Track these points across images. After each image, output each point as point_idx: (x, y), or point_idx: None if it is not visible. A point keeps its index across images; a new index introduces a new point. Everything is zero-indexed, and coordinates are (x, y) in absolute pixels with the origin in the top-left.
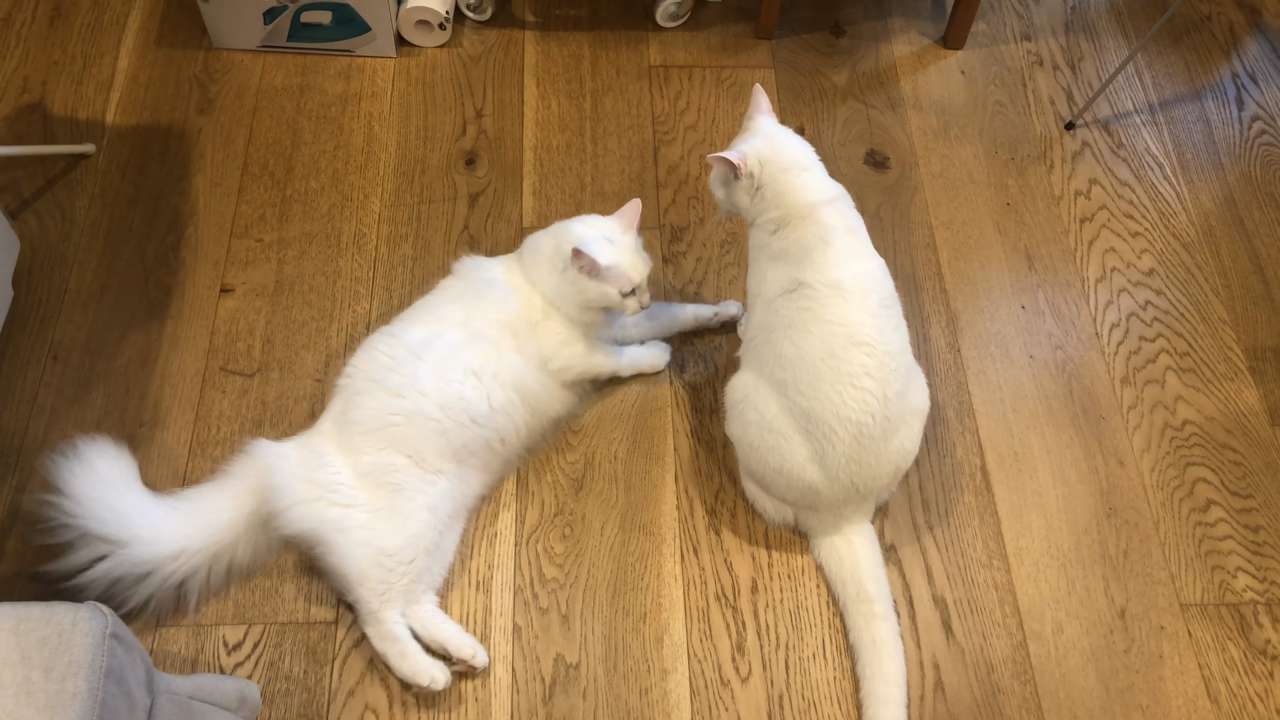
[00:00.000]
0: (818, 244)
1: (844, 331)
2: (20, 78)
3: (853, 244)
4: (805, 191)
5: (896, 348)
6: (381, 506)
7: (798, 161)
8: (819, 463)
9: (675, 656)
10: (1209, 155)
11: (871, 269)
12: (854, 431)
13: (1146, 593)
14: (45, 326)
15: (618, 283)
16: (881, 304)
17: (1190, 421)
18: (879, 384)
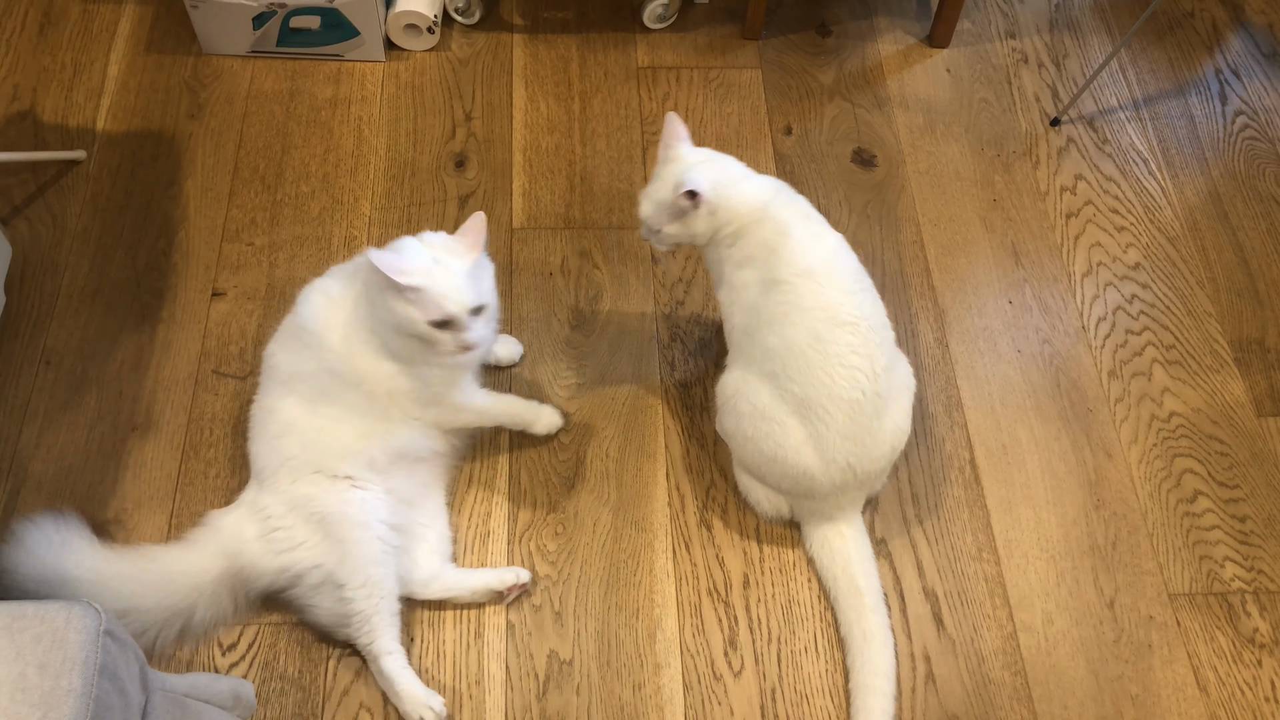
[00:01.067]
0: (779, 239)
1: (826, 315)
2: (10, 85)
3: (810, 228)
4: (752, 196)
5: (878, 322)
6: (319, 540)
7: (737, 172)
8: (814, 445)
9: (668, 651)
10: (1193, 150)
11: (834, 245)
12: (848, 410)
13: (1135, 583)
14: (38, 332)
15: (425, 310)
16: (855, 279)
17: (1177, 413)
18: (867, 360)
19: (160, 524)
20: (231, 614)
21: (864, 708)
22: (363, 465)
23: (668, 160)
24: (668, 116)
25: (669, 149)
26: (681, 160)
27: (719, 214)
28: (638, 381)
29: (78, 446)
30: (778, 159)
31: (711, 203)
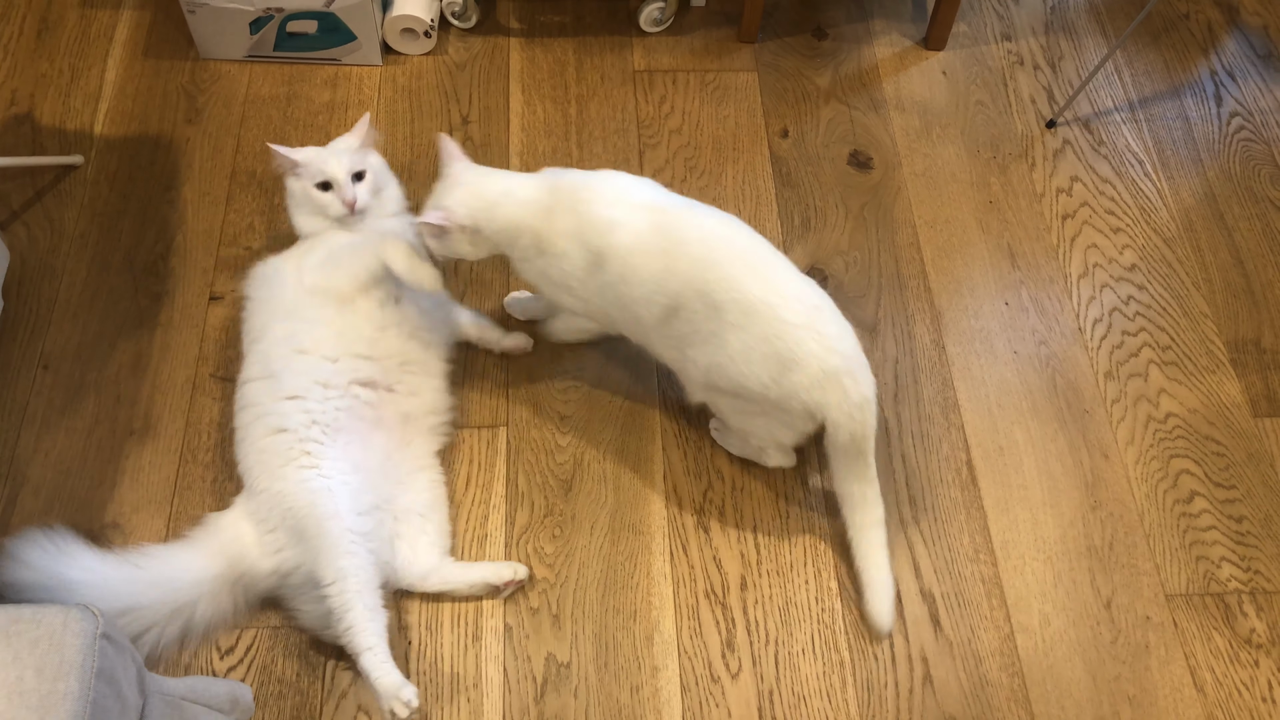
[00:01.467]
0: (599, 228)
1: (761, 326)
2: (8, 90)
3: (614, 211)
4: (519, 203)
5: (802, 289)
6: (296, 541)
7: (501, 187)
8: (809, 414)
9: (666, 654)
10: (1189, 151)
11: (712, 223)
12: (830, 379)
13: (1132, 584)
14: (35, 336)
15: (310, 175)
16: (754, 252)
17: (1173, 414)
18: (819, 336)
19: (159, 528)
20: (232, 614)
21: (871, 542)
22: (319, 439)
23: (443, 179)
24: (440, 138)
25: (446, 168)
26: (450, 180)
27: (485, 234)
28: (634, 385)
29: (76, 450)
30: (774, 161)
31: (470, 225)
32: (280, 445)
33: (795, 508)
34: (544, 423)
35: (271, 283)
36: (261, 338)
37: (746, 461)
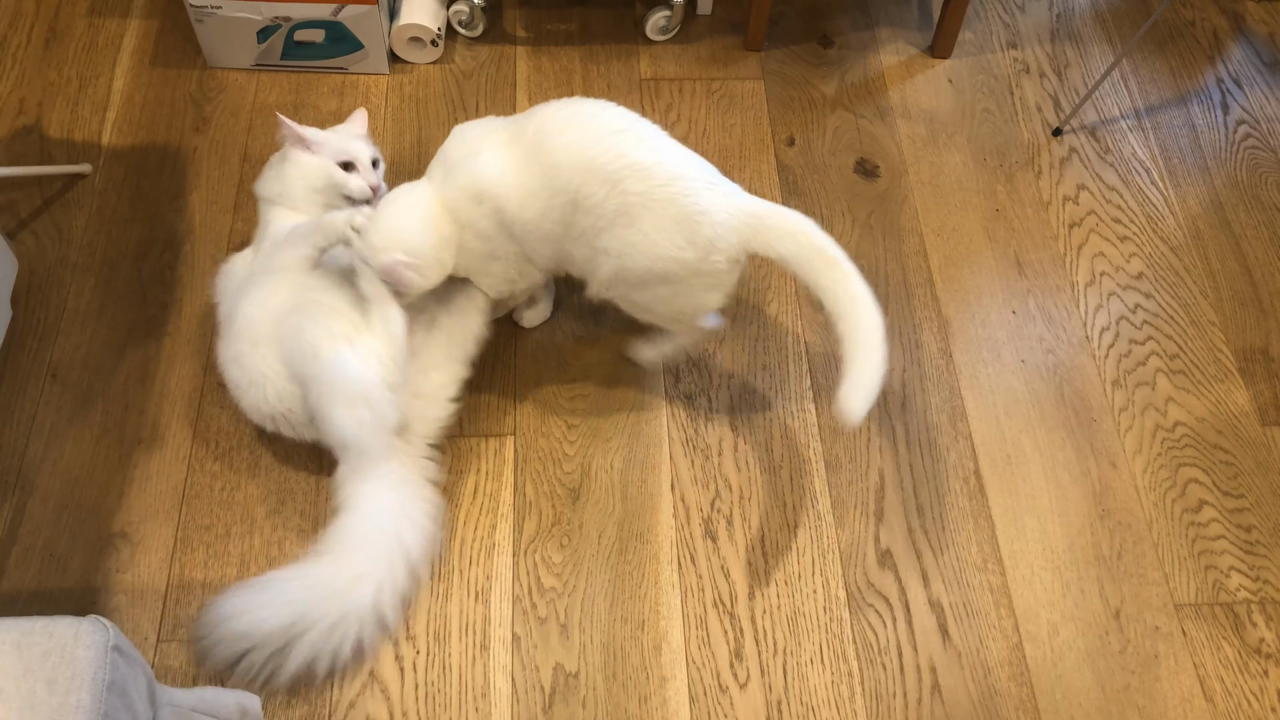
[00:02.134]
0: (470, 174)
1: (662, 189)
2: (16, 99)
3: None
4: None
5: (676, 147)
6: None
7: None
8: (733, 262)
9: (674, 664)
10: (1195, 159)
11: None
12: (739, 218)
13: (1141, 593)
14: (44, 345)
15: (332, 154)
16: (620, 121)
17: (1181, 423)
18: (713, 184)
19: (167, 537)
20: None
21: (865, 349)
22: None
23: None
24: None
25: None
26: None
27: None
28: (642, 393)
29: (84, 459)
30: (780, 170)
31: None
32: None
33: (803, 517)
34: (551, 431)
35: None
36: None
37: (754, 471)
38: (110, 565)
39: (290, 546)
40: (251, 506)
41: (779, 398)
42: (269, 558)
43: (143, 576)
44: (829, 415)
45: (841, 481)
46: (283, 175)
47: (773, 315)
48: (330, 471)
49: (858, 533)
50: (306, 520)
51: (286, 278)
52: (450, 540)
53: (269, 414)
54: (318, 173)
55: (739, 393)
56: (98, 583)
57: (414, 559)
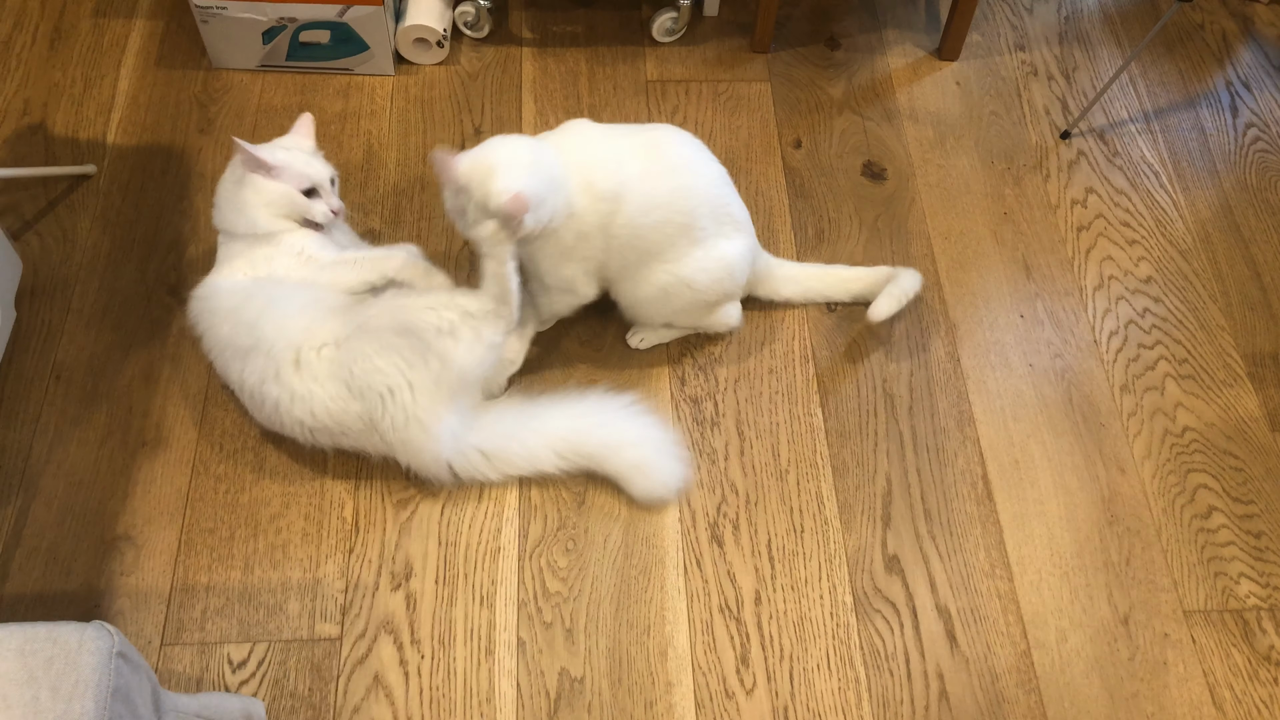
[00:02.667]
0: (609, 171)
1: (717, 211)
2: (21, 100)
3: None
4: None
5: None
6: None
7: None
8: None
9: (680, 669)
10: (1204, 163)
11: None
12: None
13: (1150, 600)
14: (48, 347)
15: (294, 180)
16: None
17: (1190, 428)
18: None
19: (171, 540)
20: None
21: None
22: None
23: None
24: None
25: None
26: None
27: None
28: (647, 397)
29: (88, 462)
30: (787, 172)
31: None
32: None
33: (810, 521)
34: None
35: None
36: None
37: (761, 475)
38: (114, 568)
39: (294, 549)
40: (256, 509)
41: (785, 402)
42: (273, 560)
43: (146, 580)
44: (836, 420)
45: (848, 486)
46: (241, 203)
47: (779, 319)
48: (335, 474)
49: (865, 538)
50: (311, 523)
51: (326, 297)
52: (455, 544)
53: (311, 426)
54: (281, 199)
55: (745, 397)
56: (101, 586)
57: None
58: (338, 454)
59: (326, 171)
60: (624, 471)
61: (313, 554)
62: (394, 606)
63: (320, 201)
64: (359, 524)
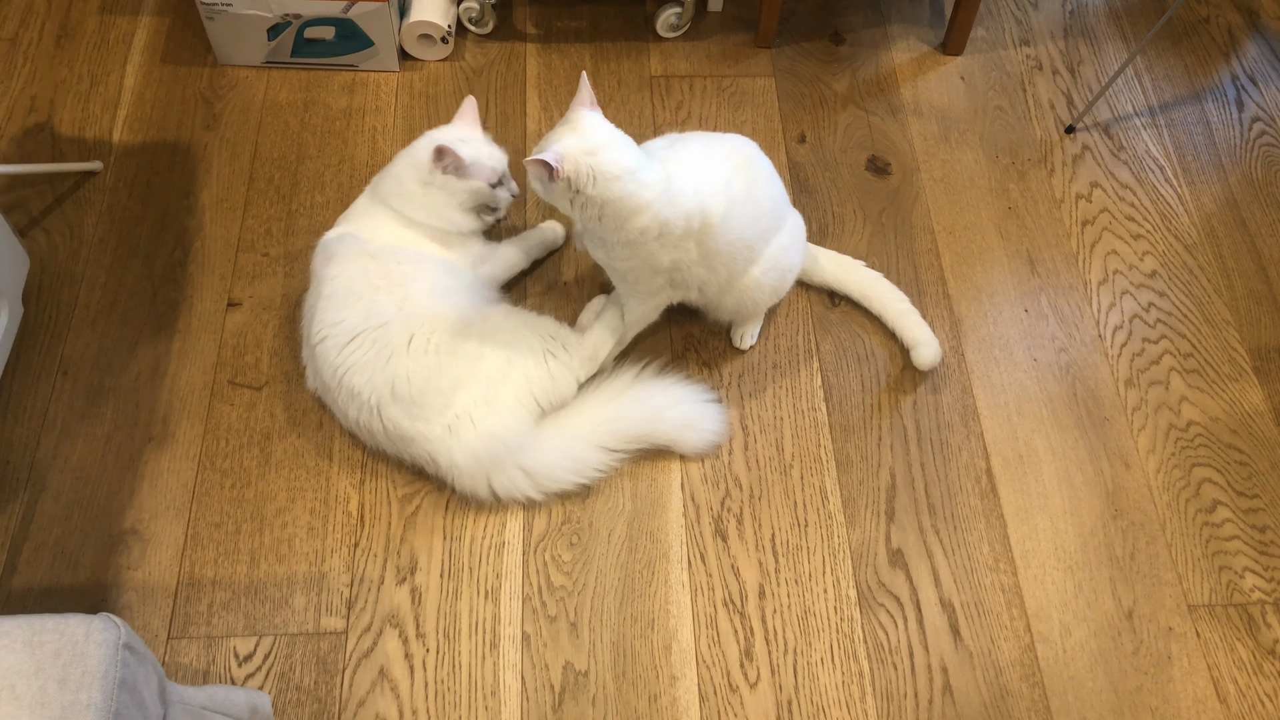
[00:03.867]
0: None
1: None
2: (28, 97)
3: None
4: (642, 185)
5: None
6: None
7: (627, 163)
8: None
9: (684, 663)
10: (1210, 157)
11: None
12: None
13: (1154, 594)
14: (55, 342)
15: (484, 175)
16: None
17: (1195, 422)
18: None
19: (178, 535)
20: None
21: (908, 321)
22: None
23: (564, 121)
24: (582, 76)
25: (572, 110)
26: (572, 125)
27: (590, 200)
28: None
29: (95, 457)
30: (791, 167)
31: (571, 183)
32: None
33: (813, 515)
34: None
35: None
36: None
37: (765, 469)
38: (121, 562)
39: (300, 543)
40: (262, 504)
41: (790, 396)
42: (279, 554)
43: (153, 574)
44: (840, 414)
45: (852, 480)
46: (433, 204)
47: (783, 313)
48: (340, 468)
49: (869, 532)
50: (316, 518)
51: (456, 285)
52: (460, 538)
53: (377, 400)
54: (474, 196)
55: (749, 391)
56: (109, 580)
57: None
58: (343, 448)
59: (505, 158)
60: (672, 435)
61: (318, 548)
62: (399, 600)
63: (503, 189)
64: (364, 518)
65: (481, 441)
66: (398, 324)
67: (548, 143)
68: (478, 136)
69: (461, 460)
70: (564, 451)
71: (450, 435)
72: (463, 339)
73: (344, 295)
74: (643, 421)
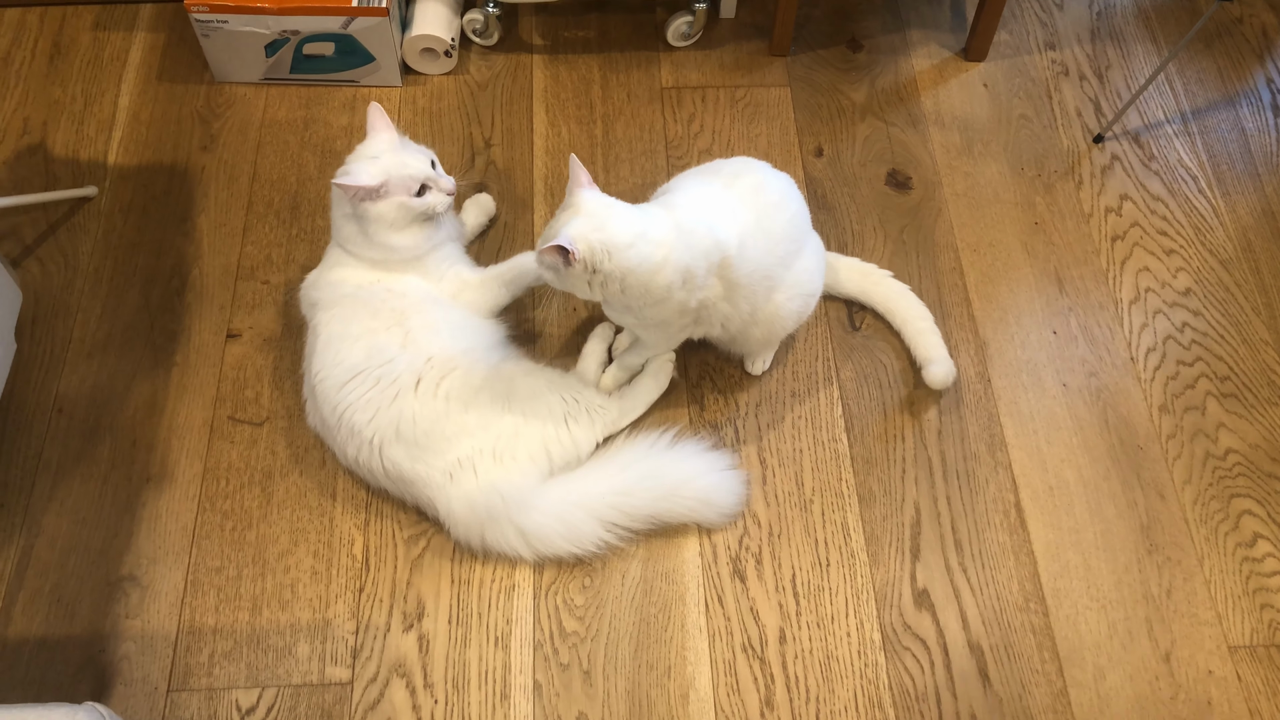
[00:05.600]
0: (719, 246)
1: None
2: (20, 118)
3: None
4: (656, 243)
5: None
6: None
7: (636, 228)
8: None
9: (702, 713)
10: (1245, 166)
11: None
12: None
13: (1192, 634)
14: (49, 378)
15: (402, 188)
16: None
17: (1233, 450)
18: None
19: (177, 581)
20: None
21: (924, 341)
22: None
23: (563, 207)
24: (570, 159)
25: (570, 194)
26: (575, 208)
27: (607, 275)
28: (665, 422)
29: (91, 499)
30: (808, 182)
31: (590, 264)
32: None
33: (835, 554)
34: None
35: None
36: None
37: (784, 505)
38: (119, 611)
39: (303, 589)
40: (264, 547)
41: (809, 427)
42: (281, 601)
43: (152, 622)
44: (862, 445)
45: (875, 516)
46: (368, 236)
47: (801, 338)
48: (344, 508)
49: (893, 571)
50: (320, 561)
51: (456, 321)
52: (468, 581)
53: (382, 441)
54: (401, 213)
55: (767, 422)
56: (106, 629)
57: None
58: (346, 487)
59: (425, 158)
60: (686, 513)
61: (322, 593)
62: (406, 648)
63: (432, 192)
64: (369, 561)
65: (481, 493)
66: (404, 363)
67: (552, 232)
68: (390, 146)
69: (458, 509)
70: (561, 518)
71: (450, 482)
72: (476, 392)
73: (340, 338)
74: (655, 500)
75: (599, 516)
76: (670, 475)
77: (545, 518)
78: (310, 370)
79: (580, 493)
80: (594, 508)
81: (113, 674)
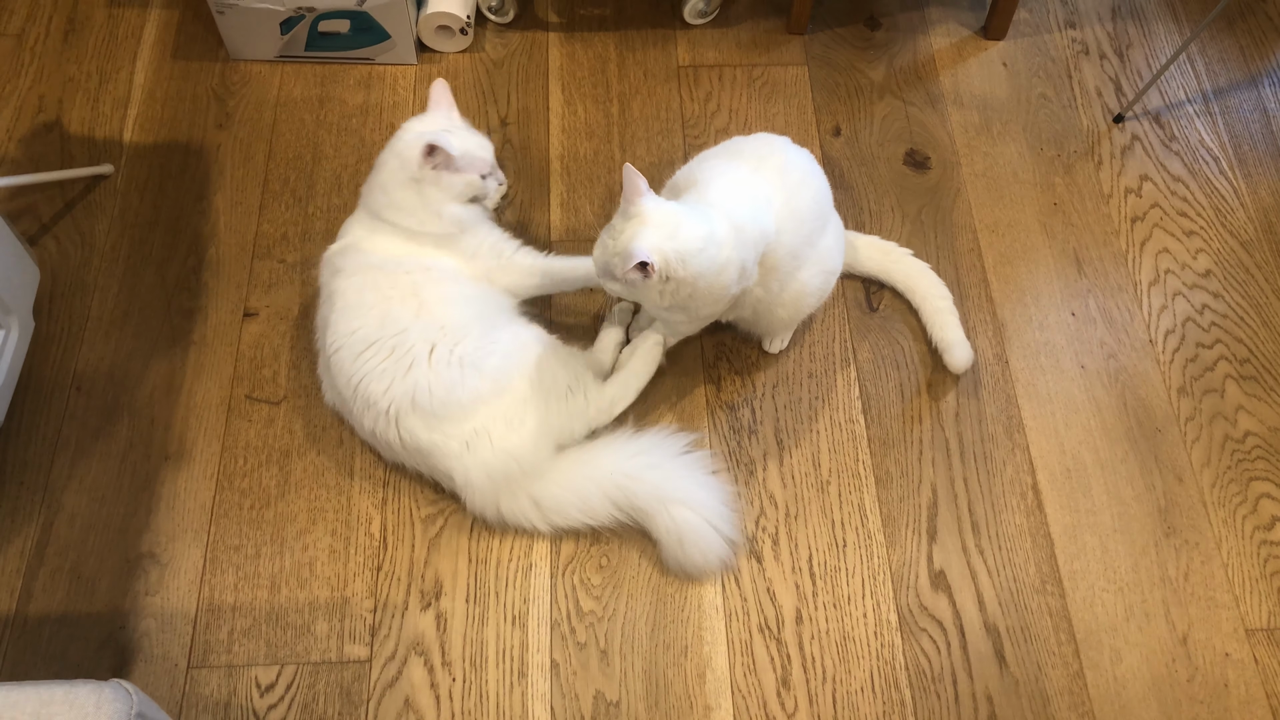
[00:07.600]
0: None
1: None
2: (36, 96)
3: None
4: (720, 244)
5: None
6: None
7: (703, 231)
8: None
9: (718, 692)
10: (1268, 146)
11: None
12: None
13: (1209, 617)
14: (68, 356)
15: (476, 167)
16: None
17: (1252, 433)
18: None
19: (196, 559)
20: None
21: (941, 321)
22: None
23: (628, 215)
24: (625, 169)
25: (629, 203)
26: (640, 218)
27: (680, 282)
28: (682, 404)
29: (110, 477)
30: (826, 162)
31: (665, 274)
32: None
33: (852, 535)
34: None
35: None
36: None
37: (801, 487)
38: (139, 588)
39: (322, 567)
40: (282, 525)
41: (826, 408)
42: (300, 579)
43: (172, 600)
44: (879, 426)
45: (892, 497)
46: (428, 202)
47: (818, 318)
48: (361, 487)
49: (910, 552)
50: (338, 539)
51: (475, 296)
52: (486, 560)
53: (397, 410)
54: (466, 190)
55: (784, 403)
56: (126, 606)
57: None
58: (364, 465)
59: (491, 146)
60: (664, 532)
61: (340, 571)
62: (424, 626)
63: (492, 179)
64: (387, 540)
65: (498, 459)
66: (417, 332)
67: (619, 245)
68: (459, 125)
69: (476, 477)
70: (575, 489)
71: (467, 451)
72: (487, 354)
73: (356, 307)
74: (648, 498)
75: (607, 493)
76: (672, 485)
77: (559, 488)
78: (325, 342)
79: (593, 465)
80: (604, 484)
81: (134, 651)
